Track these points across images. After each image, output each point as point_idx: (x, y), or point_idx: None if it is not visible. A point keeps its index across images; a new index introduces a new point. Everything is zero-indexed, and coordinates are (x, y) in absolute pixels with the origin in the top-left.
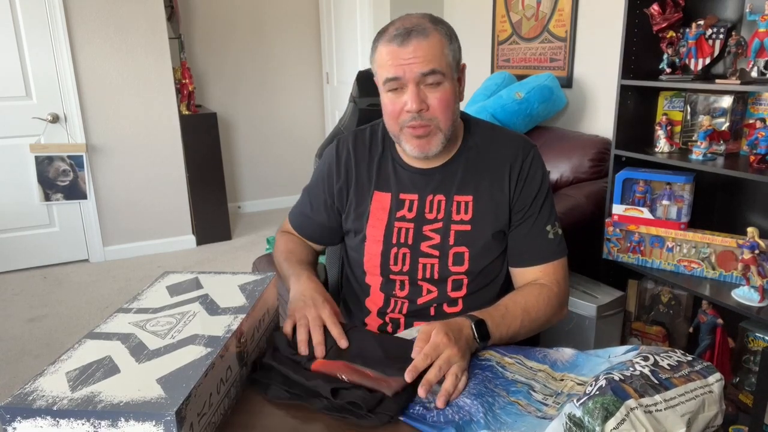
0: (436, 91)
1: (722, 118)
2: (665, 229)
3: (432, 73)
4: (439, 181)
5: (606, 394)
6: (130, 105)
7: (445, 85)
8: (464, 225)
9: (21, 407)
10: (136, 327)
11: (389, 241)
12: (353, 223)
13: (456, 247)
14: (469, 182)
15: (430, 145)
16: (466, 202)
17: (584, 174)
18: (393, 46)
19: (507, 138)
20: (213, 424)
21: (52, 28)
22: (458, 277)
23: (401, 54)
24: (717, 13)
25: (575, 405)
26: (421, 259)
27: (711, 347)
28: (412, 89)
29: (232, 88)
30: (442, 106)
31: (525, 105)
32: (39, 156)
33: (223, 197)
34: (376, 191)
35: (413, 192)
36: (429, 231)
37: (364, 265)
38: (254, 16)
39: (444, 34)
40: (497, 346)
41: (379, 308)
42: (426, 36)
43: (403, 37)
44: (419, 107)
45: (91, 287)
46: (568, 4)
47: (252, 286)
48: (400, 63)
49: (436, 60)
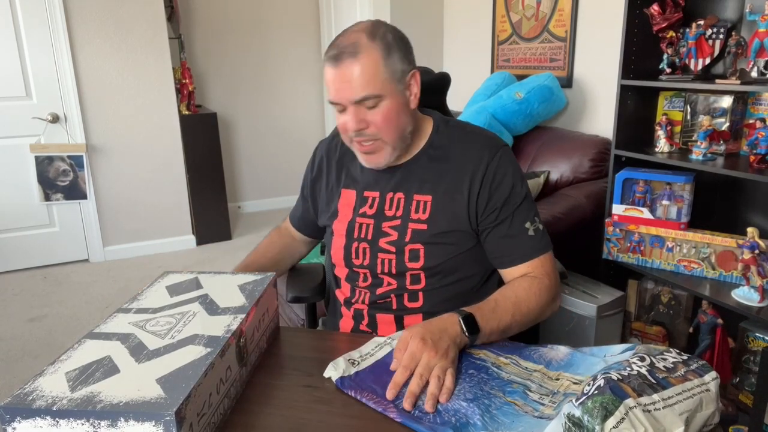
0: (374, 111)
1: (722, 118)
2: (665, 229)
3: (365, 99)
4: (399, 180)
5: (605, 394)
6: (130, 105)
7: (385, 102)
8: (421, 224)
9: (21, 407)
10: (135, 327)
11: (351, 236)
12: (326, 219)
13: (411, 244)
14: (428, 182)
15: (378, 159)
16: (425, 201)
17: (584, 174)
18: (329, 68)
19: (475, 139)
20: (213, 424)
21: (52, 28)
22: (415, 272)
23: (336, 77)
24: (717, 13)
25: (574, 405)
26: (380, 254)
27: (711, 347)
28: (351, 110)
29: (232, 88)
30: (383, 123)
31: (525, 105)
32: (39, 156)
33: (223, 197)
34: (344, 189)
35: (375, 189)
36: (388, 227)
37: (333, 257)
38: (254, 16)
39: (380, 48)
40: (492, 345)
41: (345, 298)
42: (356, 57)
43: (335, 60)
44: (357, 127)
45: (91, 287)
46: (568, 4)
47: (252, 286)
48: (336, 87)
49: (369, 83)
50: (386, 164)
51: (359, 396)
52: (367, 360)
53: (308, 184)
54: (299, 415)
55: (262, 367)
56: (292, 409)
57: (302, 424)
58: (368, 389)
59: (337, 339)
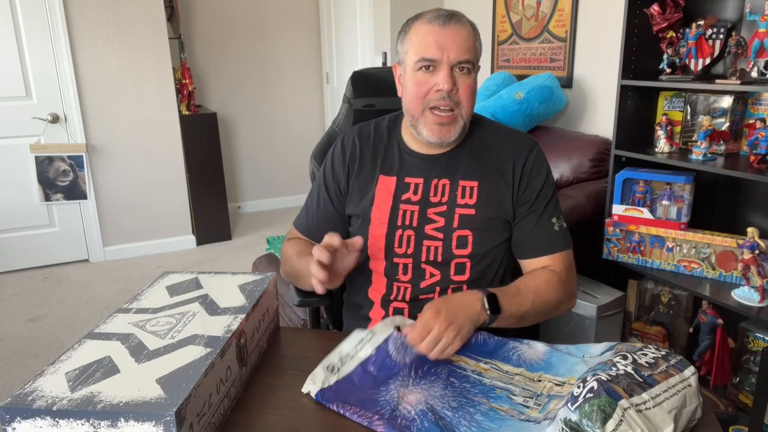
0: (466, 79)
1: (722, 118)
2: (665, 229)
3: (465, 62)
4: (444, 166)
5: (600, 396)
6: (130, 105)
7: (473, 75)
8: (468, 209)
9: (21, 407)
10: (135, 327)
11: (394, 223)
12: (356, 208)
13: (460, 230)
14: (474, 169)
15: (450, 133)
16: (471, 187)
17: (584, 174)
18: (434, 26)
19: (511, 134)
20: (213, 424)
21: (52, 28)
22: (461, 260)
23: (442, 35)
24: (717, 13)
25: (570, 409)
26: (426, 241)
27: (711, 347)
28: (447, 70)
29: (232, 88)
30: (468, 92)
31: (525, 105)
32: (39, 156)
33: (223, 197)
34: (381, 175)
35: (418, 176)
36: (433, 214)
37: (368, 249)
38: (254, 16)
39: (475, 29)
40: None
41: (382, 296)
42: (464, 23)
43: (445, 19)
44: (450, 87)
45: (91, 287)
46: (568, 4)
47: (252, 286)
48: (440, 44)
49: (471, 50)
50: (452, 140)
51: (342, 410)
52: (347, 364)
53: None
54: (299, 415)
55: (262, 367)
56: (292, 409)
57: (302, 424)
58: (351, 401)
59: (337, 339)
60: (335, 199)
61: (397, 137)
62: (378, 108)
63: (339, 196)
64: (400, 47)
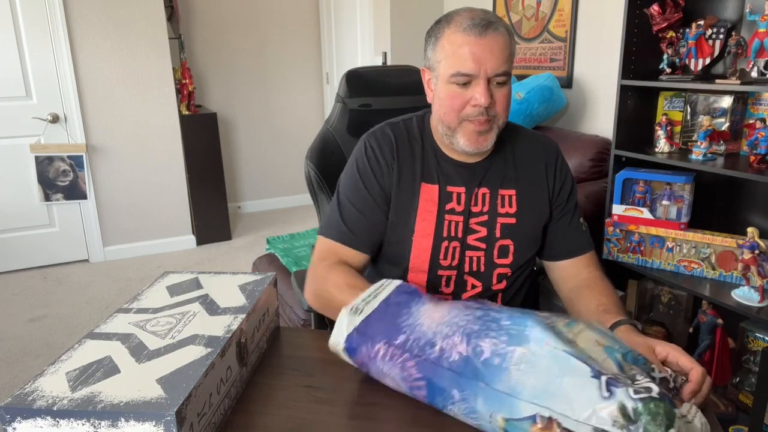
0: (502, 89)
1: (722, 118)
2: (665, 229)
3: (502, 74)
4: (482, 175)
5: (664, 401)
6: (130, 105)
7: (508, 83)
8: (510, 218)
9: (21, 407)
10: (136, 327)
11: (440, 235)
12: (398, 216)
13: (502, 240)
14: (510, 177)
15: (486, 141)
16: (510, 195)
17: (584, 174)
18: (470, 37)
19: (537, 138)
20: (213, 424)
21: (52, 28)
22: (503, 270)
23: (479, 46)
24: (717, 13)
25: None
26: (468, 251)
27: (711, 347)
28: (484, 85)
29: (232, 88)
30: (504, 104)
31: (525, 105)
32: (39, 156)
33: (223, 197)
34: (423, 183)
35: (460, 185)
36: (475, 224)
37: (411, 261)
38: (254, 16)
39: (509, 33)
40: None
41: None
42: (500, 31)
43: (482, 29)
44: (488, 102)
45: (91, 287)
46: (568, 4)
47: (252, 286)
48: (476, 57)
49: (507, 60)
50: (487, 148)
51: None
52: (371, 303)
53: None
54: (299, 415)
55: (262, 367)
56: (292, 409)
57: (302, 424)
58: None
59: None
60: (381, 203)
61: (431, 142)
62: (375, 108)
63: (384, 198)
64: (431, 54)
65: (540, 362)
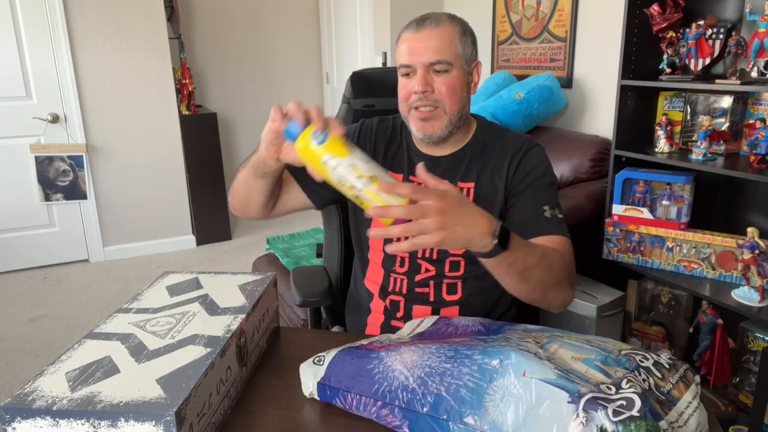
0: (442, 79)
1: (722, 118)
2: (665, 229)
3: (438, 63)
4: (445, 168)
5: (647, 418)
6: (130, 105)
7: (453, 73)
8: None
9: (21, 407)
10: (135, 327)
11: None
12: None
13: None
14: (472, 171)
15: (434, 128)
16: (468, 188)
17: (584, 174)
18: (409, 33)
19: (515, 136)
20: (213, 424)
21: (52, 28)
22: (455, 258)
23: (414, 40)
24: (717, 13)
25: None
26: None
27: (711, 347)
28: (420, 73)
29: (232, 88)
30: (447, 90)
31: (525, 105)
32: (39, 156)
33: (223, 197)
34: (390, 171)
35: None
36: None
37: (370, 240)
38: (254, 16)
39: (459, 27)
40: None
41: (380, 287)
42: (437, 26)
43: (417, 25)
44: (424, 89)
45: (91, 287)
46: (568, 4)
47: (252, 286)
48: (412, 48)
49: (444, 51)
50: (439, 137)
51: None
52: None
53: None
54: (299, 415)
55: (262, 367)
56: (292, 409)
57: (302, 424)
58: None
59: (338, 339)
60: None
61: (408, 138)
62: (378, 108)
63: None
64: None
65: (518, 394)
